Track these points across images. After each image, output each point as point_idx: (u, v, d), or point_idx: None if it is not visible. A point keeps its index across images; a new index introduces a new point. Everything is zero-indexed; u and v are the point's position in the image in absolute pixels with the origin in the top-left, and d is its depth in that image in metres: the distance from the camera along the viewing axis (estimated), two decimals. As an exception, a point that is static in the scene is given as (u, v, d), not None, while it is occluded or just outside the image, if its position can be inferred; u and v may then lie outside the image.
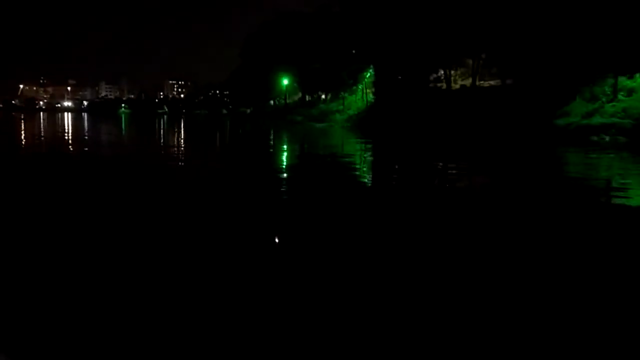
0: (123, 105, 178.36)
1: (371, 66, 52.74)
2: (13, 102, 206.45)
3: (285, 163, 18.32)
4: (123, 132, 43.14)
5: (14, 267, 5.41)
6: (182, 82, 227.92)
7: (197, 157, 20.05)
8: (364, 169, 16.31)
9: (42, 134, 35.86)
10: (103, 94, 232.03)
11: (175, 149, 24.74)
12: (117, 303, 4.36)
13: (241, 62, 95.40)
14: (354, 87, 57.06)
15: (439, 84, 44.02)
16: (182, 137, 36.58)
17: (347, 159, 19.47)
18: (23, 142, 27.51)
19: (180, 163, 17.86)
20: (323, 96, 71.26)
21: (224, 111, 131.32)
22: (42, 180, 12.37)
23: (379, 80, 49.52)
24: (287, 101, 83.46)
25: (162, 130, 44.21)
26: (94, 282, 4.89)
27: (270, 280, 4.99)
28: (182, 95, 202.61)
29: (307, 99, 75.15)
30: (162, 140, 31.55)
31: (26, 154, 20.79)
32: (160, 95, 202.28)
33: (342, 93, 59.68)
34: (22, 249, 6.12)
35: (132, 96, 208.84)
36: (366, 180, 13.44)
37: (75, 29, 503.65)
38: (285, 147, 26.53)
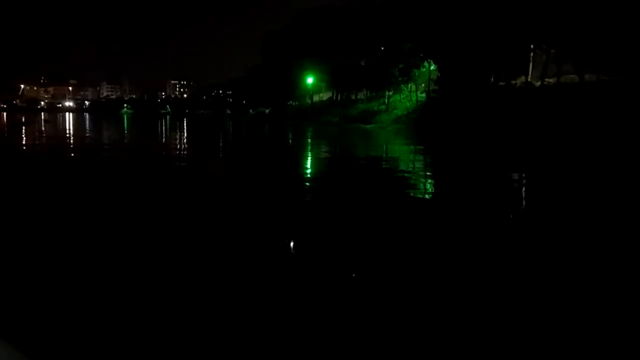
0: (125, 105, 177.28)
1: (424, 62, 49.13)
2: (14, 102, 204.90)
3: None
4: (136, 136, 39.36)
5: (36, 256, 6.10)
6: (185, 82, 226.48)
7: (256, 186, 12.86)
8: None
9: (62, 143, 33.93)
10: (104, 94, 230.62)
11: (203, 162, 19.50)
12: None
13: (261, 60, 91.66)
14: (403, 85, 52.96)
15: (512, 81, 40.16)
16: (207, 144, 31.45)
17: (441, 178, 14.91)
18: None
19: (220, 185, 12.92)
20: (353, 96, 66.31)
21: (228, 111, 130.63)
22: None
23: (442, 76, 45.76)
24: (310, 101, 78.10)
25: (177, 137, 37.20)
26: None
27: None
28: (185, 96, 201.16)
29: (336, 98, 70.15)
30: (186, 154, 23.40)
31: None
32: (162, 95, 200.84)
33: (387, 92, 54.92)
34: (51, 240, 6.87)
35: (134, 96, 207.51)
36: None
37: (76, 29, 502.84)
38: (365, 158, 21.28)
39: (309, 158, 21.51)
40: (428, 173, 16.14)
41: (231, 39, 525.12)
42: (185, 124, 64.30)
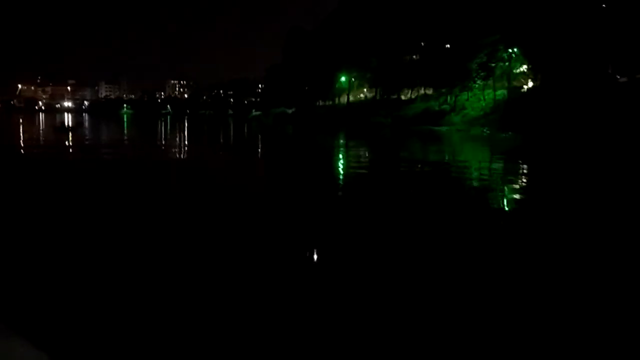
0: (125, 105, 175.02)
1: (505, 55, 43.94)
2: (12, 102, 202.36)
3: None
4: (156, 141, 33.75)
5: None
6: (184, 82, 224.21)
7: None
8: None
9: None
10: (103, 94, 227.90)
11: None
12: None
13: (282, 58, 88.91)
14: (480, 82, 47.06)
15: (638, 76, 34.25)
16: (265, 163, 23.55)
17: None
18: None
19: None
20: (395, 95, 60.23)
21: (230, 112, 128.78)
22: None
23: (536, 70, 40.95)
24: (344, 100, 71.62)
25: (209, 145, 31.79)
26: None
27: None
28: (185, 96, 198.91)
29: (382, 97, 63.36)
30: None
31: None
32: (162, 95, 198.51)
33: (455, 89, 48.96)
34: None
35: (133, 96, 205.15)
36: None
37: (74, 28, 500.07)
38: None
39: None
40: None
41: (231, 40, 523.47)
42: (196, 126, 58.76)
